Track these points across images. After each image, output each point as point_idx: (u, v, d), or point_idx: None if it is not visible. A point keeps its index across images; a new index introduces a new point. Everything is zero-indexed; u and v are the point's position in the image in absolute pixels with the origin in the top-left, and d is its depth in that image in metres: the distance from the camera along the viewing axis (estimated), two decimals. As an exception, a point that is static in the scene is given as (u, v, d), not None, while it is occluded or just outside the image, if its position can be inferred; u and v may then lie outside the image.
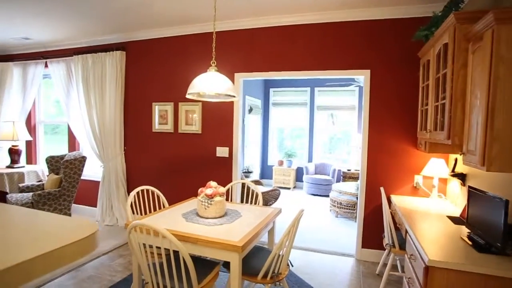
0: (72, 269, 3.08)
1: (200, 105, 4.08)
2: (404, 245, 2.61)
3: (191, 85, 2.27)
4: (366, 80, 3.40)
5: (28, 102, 5.34)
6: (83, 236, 0.64)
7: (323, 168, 7.44)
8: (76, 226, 0.74)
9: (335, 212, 5.34)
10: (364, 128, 3.46)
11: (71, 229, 0.73)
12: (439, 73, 2.15)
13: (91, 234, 0.65)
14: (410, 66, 3.23)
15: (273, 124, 8.23)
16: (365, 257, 3.53)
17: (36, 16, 3.81)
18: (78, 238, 0.63)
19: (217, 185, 2.45)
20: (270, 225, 2.58)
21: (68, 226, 0.76)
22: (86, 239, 0.63)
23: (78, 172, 4.08)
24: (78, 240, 0.63)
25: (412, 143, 3.30)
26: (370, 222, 3.50)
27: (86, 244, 0.64)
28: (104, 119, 4.55)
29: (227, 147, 3.98)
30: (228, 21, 3.81)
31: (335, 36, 3.49)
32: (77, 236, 0.65)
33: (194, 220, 2.33)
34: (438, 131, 2.17)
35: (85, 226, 0.70)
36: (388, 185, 3.40)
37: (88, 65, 4.60)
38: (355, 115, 7.31)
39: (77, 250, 0.63)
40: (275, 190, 4.64)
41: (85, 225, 0.71)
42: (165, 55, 4.29)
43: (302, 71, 3.62)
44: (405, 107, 3.30)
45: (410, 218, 2.43)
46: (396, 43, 3.27)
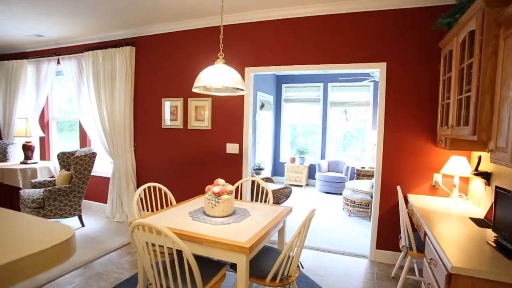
0: (80, 266, 3.06)
1: (210, 101, 4.00)
2: (422, 248, 2.46)
3: (198, 78, 2.18)
4: (382, 74, 3.24)
5: (41, 98, 5.39)
6: (54, 243, 0.55)
7: (336, 166, 7.27)
8: (48, 230, 0.65)
9: (348, 211, 5.18)
10: (380, 124, 3.30)
11: (42, 234, 0.64)
12: (464, 64, 1.99)
13: (65, 241, 0.56)
14: (430, 58, 3.04)
15: (285, 121, 8.09)
16: (380, 258, 3.39)
17: (48, 13, 3.80)
18: (49, 246, 0.55)
19: (225, 182, 2.36)
20: (280, 225, 2.47)
21: (37, 231, 0.67)
22: (59, 246, 0.55)
23: (88, 169, 4.07)
24: (49, 248, 0.54)
25: (431, 139, 3.12)
26: (385, 222, 3.35)
27: (59, 252, 0.55)
28: (114, 115, 4.53)
29: (237, 143, 3.88)
30: (236, 14, 3.70)
31: (348, 28, 3.33)
32: (47, 243, 0.56)
33: (200, 219, 2.25)
34: (461, 127, 2.01)
35: (59, 230, 0.61)
36: (404, 183, 3.23)
37: (98, 61, 4.58)
38: (369, 111, 7.10)
39: (47, 259, 0.55)
40: (286, 187, 4.53)
41: (58, 229, 0.63)
42: (174, 50, 4.22)
43: (314, 65, 3.48)
44: (424, 101, 3.12)
45: (429, 219, 2.28)
46: (414, 33, 3.09)
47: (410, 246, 2.56)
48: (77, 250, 3.44)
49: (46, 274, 2.84)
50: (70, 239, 0.58)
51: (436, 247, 1.77)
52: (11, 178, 4.37)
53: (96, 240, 3.71)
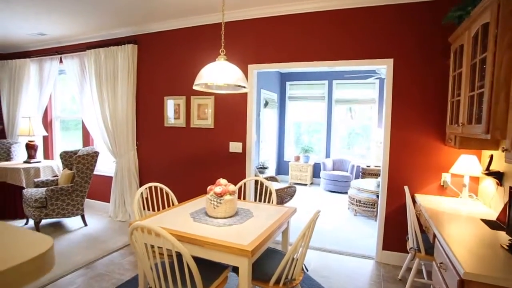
0: (82, 266, 3.03)
1: (212, 99, 3.93)
2: (431, 250, 2.38)
3: (199, 76, 2.12)
4: (389, 70, 3.15)
5: (44, 98, 5.38)
6: (29, 257, 0.49)
7: (341, 164, 7.18)
8: (20, 242, 0.58)
9: (354, 210, 5.10)
10: (386, 122, 3.22)
11: (9, 247, 0.56)
12: (476, 59, 1.90)
13: (39, 255, 0.50)
14: (439, 54, 2.94)
15: (289, 119, 8.01)
16: (386, 259, 3.31)
17: (49, 11, 3.77)
18: (23, 260, 0.48)
19: (227, 182, 2.30)
20: (284, 226, 2.41)
21: (9, 242, 0.59)
22: (36, 259, 0.48)
23: (90, 168, 4.04)
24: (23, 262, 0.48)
25: (439, 138, 3.03)
26: (392, 223, 3.26)
27: (36, 266, 0.49)
28: (116, 114, 4.49)
29: (240, 142, 3.82)
30: (239, 10, 3.62)
31: (354, 23, 3.24)
32: (22, 257, 0.49)
33: (202, 220, 2.20)
34: (473, 125, 1.92)
35: (33, 242, 0.55)
36: (412, 183, 3.15)
37: (100, 60, 4.54)
38: (375, 109, 6.99)
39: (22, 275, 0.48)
40: (290, 187, 4.46)
41: (33, 241, 0.56)
42: (176, 47, 4.16)
43: (319, 62, 3.40)
44: (432, 98, 3.02)
45: (438, 220, 2.20)
46: (422, 28, 2.99)
47: (418, 248, 2.48)
48: (79, 250, 3.42)
49: (48, 275, 2.82)
50: (47, 253, 0.51)
51: (447, 251, 1.69)
52: (15, 178, 4.36)
53: (98, 240, 3.68)
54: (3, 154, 5.30)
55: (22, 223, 4.21)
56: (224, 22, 3.75)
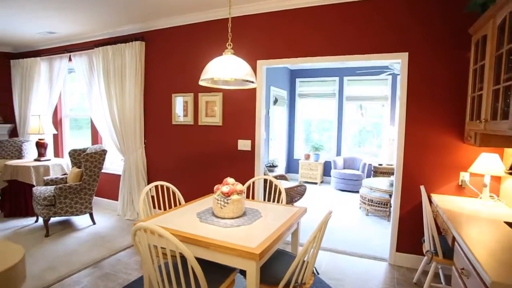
0: (89, 265, 3.00)
1: (220, 96, 3.86)
2: (450, 254, 2.25)
3: (205, 70, 2.04)
4: (404, 65, 3.01)
5: (54, 96, 5.40)
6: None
7: (352, 162, 7.02)
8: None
9: (365, 210, 4.96)
10: (401, 119, 3.08)
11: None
12: (502, 49, 1.76)
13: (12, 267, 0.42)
14: (457, 46, 2.79)
15: (299, 116, 7.88)
16: (400, 262, 3.18)
17: (57, 9, 3.75)
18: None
19: (234, 181, 2.22)
20: (294, 227, 2.31)
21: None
22: (3, 274, 0.41)
23: (98, 166, 4.02)
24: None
25: (457, 135, 2.88)
26: (406, 224, 3.13)
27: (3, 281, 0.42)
28: (124, 112, 4.47)
29: (249, 140, 3.74)
30: (248, 5, 3.53)
31: (367, 16, 3.11)
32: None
33: (208, 220, 2.12)
34: (498, 121, 1.79)
35: (4, 253, 0.48)
36: (428, 182, 3.01)
37: (108, 57, 4.51)
38: (387, 105, 6.80)
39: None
40: (300, 185, 4.35)
41: (4, 252, 0.49)
42: (184, 44, 4.10)
43: (330, 56, 3.28)
44: (450, 94, 2.87)
45: (458, 222, 2.07)
46: (440, 19, 2.84)
47: (435, 251, 2.35)
48: (87, 248, 3.40)
49: (55, 274, 2.80)
50: (17, 266, 0.44)
51: (469, 256, 1.57)
52: (25, 175, 4.38)
53: (106, 239, 3.66)
54: (15, 152, 5.36)
55: (32, 220, 4.23)
56: (232, 17, 3.68)
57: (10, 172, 4.37)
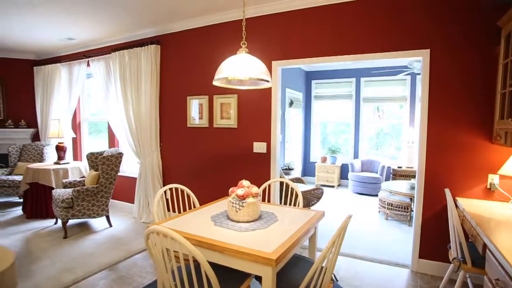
0: (105, 267, 3.00)
1: (235, 98, 3.82)
2: (480, 262, 2.11)
3: (219, 70, 2.00)
4: (425, 62, 2.87)
5: (73, 100, 5.53)
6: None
7: (370, 165, 6.83)
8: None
9: (385, 214, 4.79)
10: (423, 119, 2.94)
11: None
12: (536, 41, 1.63)
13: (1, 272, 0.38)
14: (484, 40, 2.64)
15: (315, 118, 7.76)
16: (424, 269, 3.02)
17: (77, 15, 3.83)
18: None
19: (250, 184, 2.16)
20: (311, 231, 2.23)
21: None
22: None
23: (115, 169, 4.05)
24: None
25: (485, 135, 2.72)
26: (429, 229, 2.98)
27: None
28: (140, 115, 4.50)
29: (264, 142, 3.67)
30: (262, 5, 3.49)
31: (385, 11, 3.00)
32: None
33: (223, 224, 2.07)
34: (533, 118, 1.65)
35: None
36: (453, 185, 2.85)
37: (125, 61, 4.57)
38: (406, 106, 6.59)
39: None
40: (317, 189, 4.25)
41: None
42: (199, 46, 4.09)
43: (348, 55, 3.18)
44: (476, 91, 2.72)
45: (489, 228, 1.94)
46: (464, 12, 2.70)
47: (463, 258, 2.21)
48: (103, 251, 3.42)
49: (71, 275, 2.81)
50: (6, 272, 0.40)
51: (506, 266, 1.45)
52: (45, 178, 4.47)
53: (122, 241, 3.67)
54: (37, 156, 5.51)
55: (52, 222, 4.30)
56: (247, 18, 3.65)
57: (31, 175, 4.47)
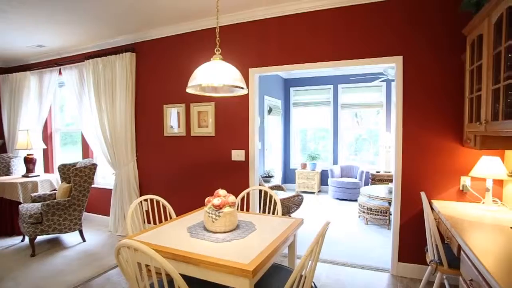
0: (76, 285, 2.84)
1: (212, 106, 3.77)
2: (455, 263, 2.14)
3: (192, 77, 1.95)
4: (398, 69, 2.95)
5: (44, 110, 5.29)
6: None
7: (349, 171, 6.93)
8: None
9: (365, 219, 4.84)
10: (397, 125, 3.00)
11: None
12: (500, 47, 1.69)
13: None
14: (453, 48, 2.74)
15: (295, 125, 7.81)
16: (403, 272, 3.05)
17: (46, 22, 3.69)
18: None
19: (226, 193, 2.11)
20: (290, 239, 2.19)
21: None
22: None
23: (88, 181, 3.88)
24: None
25: (456, 138, 2.80)
26: (407, 232, 3.02)
27: None
28: (115, 124, 4.36)
29: (243, 150, 3.63)
30: (239, 13, 3.49)
31: (360, 20, 3.07)
32: None
33: (199, 235, 2.00)
34: (500, 121, 1.71)
35: None
36: (428, 189, 2.91)
37: (98, 69, 4.43)
38: (382, 112, 6.76)
39: None
40: (297, 196, 4.24)
41: None
42: (175, 54, 4.03)
43: (324, 62, 3.22)
44: (447, 96, 2.81)
45: (462, 229, 1.97)
46: (434, 21, 2.80)
47: (440, 261, 2.23)
48: (75, 267, 3.23)
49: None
50: None
51: (479, 267, 1.46)
52: (11, 193, 4.22)
53: (96, 256, 3.49)
54: (3, 169, 5.20)
55: (18, 240, 4.05)
56: (222, 26, 3.63)
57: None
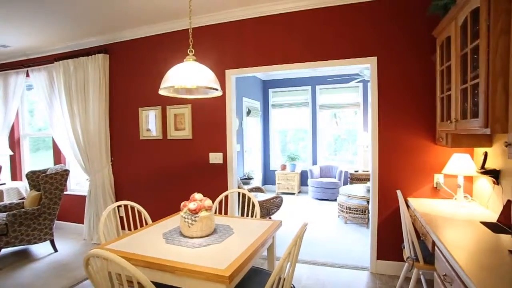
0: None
1: (189, 108, 3.70)
2: (431, 259, 2.19)
3: (165, 79, 1.90)
4: (373, 69, 3.00)
5: (10, 114, 5.01)
6: None
7: (328, 171, 7.01)
8: None
9: (344, 218, 4.90)
10: (373, 124, 3.05)
11: None
12: (466, 48, 1.75)
13: None
14: (425, 49, 2.82)
15: (274, 127, 7.83)
16: (382, 270, 3.10)
17: (8, 21, 3.49)
18: None
19: (202, 197, 2.06)
20: (269, 242, 2.17)
21: None
22: None
23: (60, 188, 3.70)
24: None
25: (429, 137, 2.88)
26: (385, 230, 3.07)
27: None
28: (88, 128, 4.20)
29: (220, 152, 3.59)
30: (214, 13, 3.44)
31: (335, 22, 3.10)
32: None
33: (175, 241, 1.94)
34: (469, 119, 1.76)
35: None
36: (404, 186, 2.98)
37: (70, 71, 4.25)
38: (360, 112, 6.89)
39: None
40: (277, 197, 4.23)
41: None
42: (150, 55, 3.93)
43: (301, 63, 3.23)
44: (420, 96, 2.89)
45: (436, 226, 2.02)
46: (406, 23, 2.87)
47: (416, 257, 2.28)
48: (45, 280, 3.06)
49: (5, 312, 2.48)
50: None
51: (451, 262, 1.50)
52: (-25, 203, 3.97)
53: (68, 267, 3.33)
54: (-34, 178, 4.89)
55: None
56: (198, 27, 3.58)
57: (-42, 199, 3.95)
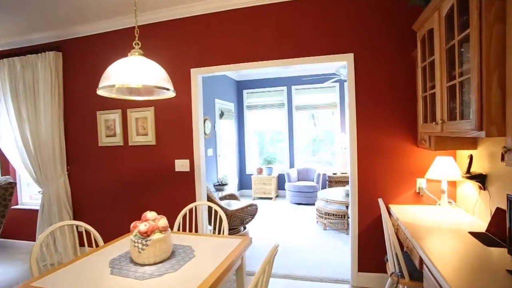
0: None
1: (152, 111, 3.36)
2: (417, 275, 1.98)
3: (104, 76, 1.58)
4: (350, 67, 2.79)
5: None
6: None
7: (306, 174, 6.81)
8: None
9: (323, 224, 4.69)
10: (351, 126, 2.84)
11: None
12: (454, 40, 1.55)
13: None
14: (402, 45, 2.65)
15: (249, 129, 7.55)
16: (364, 282, 2.88)
17: None
18: None
19: (156, 216, 1.75)
20: (237, 263, 1.88)
21: None
22: None
23: (3, 203, 3.25)
24: None
25: (411, 140, 2.70)
26: (366, 240, 2.86)
27: None
28: (39, 135, 3.74)
29: (187, 159, 3.26)
30: (177, 7, 3.13)
31: (311, 16, 2.87)
32: None
33: (123, 270, 1.61)
34: (458, 121, 1.56)
35: None
36: (385, 193, 2.78)
37: (16, 71, 3.79)
38: (337, 113, 6.75)
39: None
40: (251, 205, 3.95)
41: None
42: (107, 53, 3.55)
43: (273, 60, 2.98)
44: (401, 96, 2.70)
45: (422, 238, 1.82)
46: (384, 17, 2.69)
47: (401, 273, 2.06)
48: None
49: None
50: None
51: (444, 285, 1.27)
52: None
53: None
54: None
55: None
56: (157, 22, 3.26)
57: None
